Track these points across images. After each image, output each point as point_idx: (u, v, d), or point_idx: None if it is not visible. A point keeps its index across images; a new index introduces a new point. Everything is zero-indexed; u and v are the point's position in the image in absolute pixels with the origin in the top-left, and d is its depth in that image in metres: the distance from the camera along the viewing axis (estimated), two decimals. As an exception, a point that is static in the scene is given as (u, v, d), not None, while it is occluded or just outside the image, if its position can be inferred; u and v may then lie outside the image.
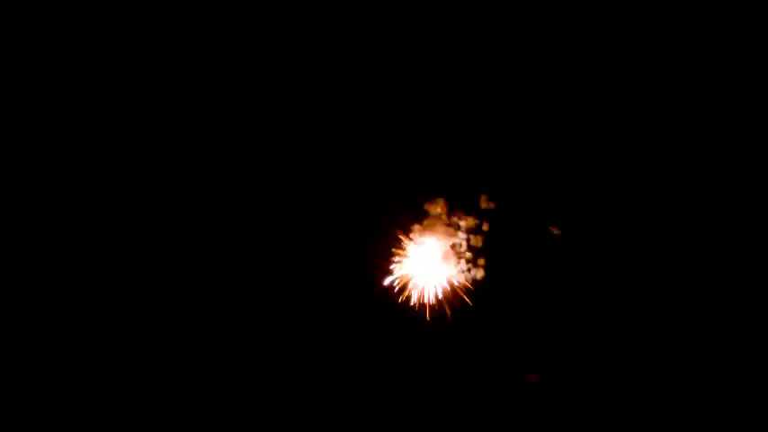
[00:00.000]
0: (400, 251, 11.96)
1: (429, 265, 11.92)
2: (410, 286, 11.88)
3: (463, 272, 11.94)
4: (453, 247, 11.95)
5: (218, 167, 12.30)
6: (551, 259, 11.98)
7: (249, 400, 11.93)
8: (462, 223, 11.97)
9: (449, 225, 11.95)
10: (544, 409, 11.72)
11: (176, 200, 12.25)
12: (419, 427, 11.83)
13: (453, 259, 11.94)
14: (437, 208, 11.96)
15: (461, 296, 11.85)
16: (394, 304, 11.86)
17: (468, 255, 12.00)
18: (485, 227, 12.00)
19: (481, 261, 12.00)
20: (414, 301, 11.82)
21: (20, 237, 12.01)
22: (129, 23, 12.33)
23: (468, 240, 11.99)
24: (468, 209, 12.05)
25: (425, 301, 11.82)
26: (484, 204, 12.03)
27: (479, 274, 11.93)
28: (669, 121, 12.10)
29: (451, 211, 11.99)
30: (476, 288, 11.91)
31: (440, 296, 11.84)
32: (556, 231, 11.89)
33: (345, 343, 12.02)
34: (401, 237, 11.98)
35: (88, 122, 12.31)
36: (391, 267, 11.93)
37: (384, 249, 12.00)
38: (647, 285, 11.83)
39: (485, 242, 12.00)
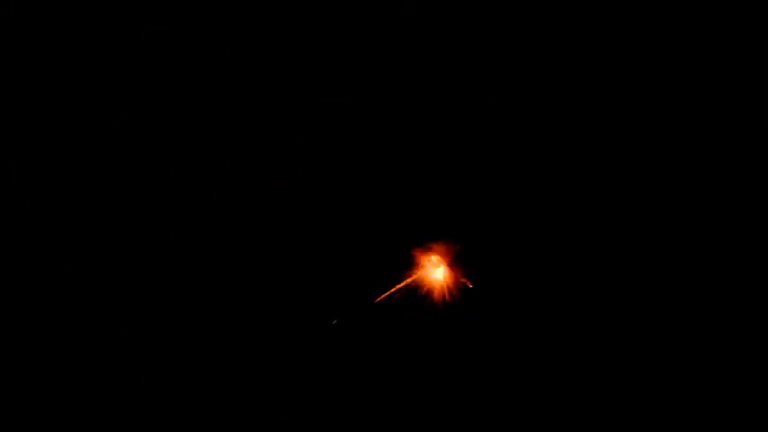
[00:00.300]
0: (408, 255, 12.00)
1: (436, 268, 11.93)
2: (417, 288, 11.91)
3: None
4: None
5: (218, 167, 12.32)
6: (555, 261, 12.01)
7: (249, 400, 11.93)
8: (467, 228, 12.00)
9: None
10: (544, 409, 11.75)
11: (176, 200, 12.27)
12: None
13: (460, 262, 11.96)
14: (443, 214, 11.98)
15: (466, 302, 11.89)
16: (401, 306, 11.89)
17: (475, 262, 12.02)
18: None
19: (487, 268, 11.99)
20: (419, 302, 11.85)
21: (20, 237, 12.01)
22: (129, 23, 12.35)
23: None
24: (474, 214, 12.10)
25: (432, 302, 11.85)
26: (488, 211, 12.06)
27: (484, 279, 11.93)
28: (669, 122, 12.14)
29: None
30: (480, 290, 11.95)
31: (447, 298, 11.86)
32: (561, 238, 11.93)
33: (346, 344, 12.02)
34: (406, 245, 12.02)
35: (88, 122, 12.32)
36: (399, 270, 11.99)
37: (389, 253, 12.04)
38: (649, 286, 11.87)
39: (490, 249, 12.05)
